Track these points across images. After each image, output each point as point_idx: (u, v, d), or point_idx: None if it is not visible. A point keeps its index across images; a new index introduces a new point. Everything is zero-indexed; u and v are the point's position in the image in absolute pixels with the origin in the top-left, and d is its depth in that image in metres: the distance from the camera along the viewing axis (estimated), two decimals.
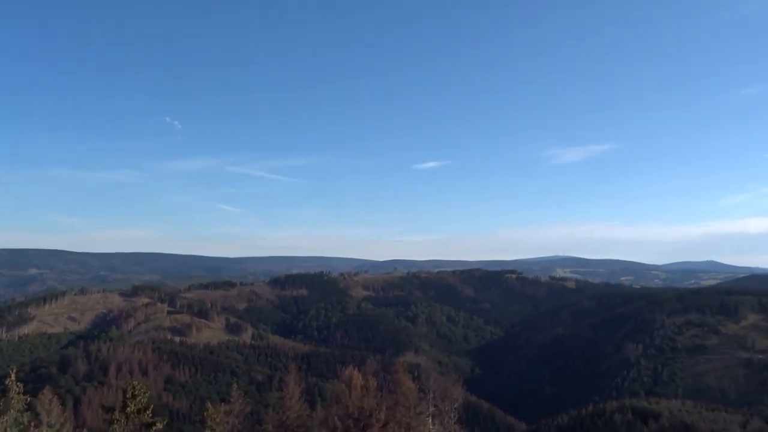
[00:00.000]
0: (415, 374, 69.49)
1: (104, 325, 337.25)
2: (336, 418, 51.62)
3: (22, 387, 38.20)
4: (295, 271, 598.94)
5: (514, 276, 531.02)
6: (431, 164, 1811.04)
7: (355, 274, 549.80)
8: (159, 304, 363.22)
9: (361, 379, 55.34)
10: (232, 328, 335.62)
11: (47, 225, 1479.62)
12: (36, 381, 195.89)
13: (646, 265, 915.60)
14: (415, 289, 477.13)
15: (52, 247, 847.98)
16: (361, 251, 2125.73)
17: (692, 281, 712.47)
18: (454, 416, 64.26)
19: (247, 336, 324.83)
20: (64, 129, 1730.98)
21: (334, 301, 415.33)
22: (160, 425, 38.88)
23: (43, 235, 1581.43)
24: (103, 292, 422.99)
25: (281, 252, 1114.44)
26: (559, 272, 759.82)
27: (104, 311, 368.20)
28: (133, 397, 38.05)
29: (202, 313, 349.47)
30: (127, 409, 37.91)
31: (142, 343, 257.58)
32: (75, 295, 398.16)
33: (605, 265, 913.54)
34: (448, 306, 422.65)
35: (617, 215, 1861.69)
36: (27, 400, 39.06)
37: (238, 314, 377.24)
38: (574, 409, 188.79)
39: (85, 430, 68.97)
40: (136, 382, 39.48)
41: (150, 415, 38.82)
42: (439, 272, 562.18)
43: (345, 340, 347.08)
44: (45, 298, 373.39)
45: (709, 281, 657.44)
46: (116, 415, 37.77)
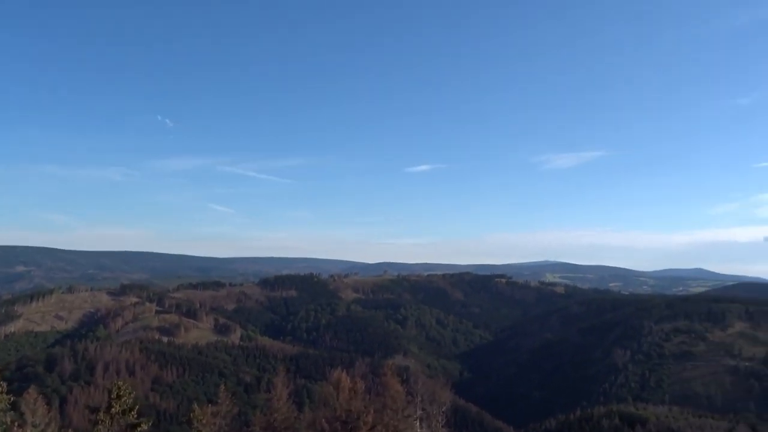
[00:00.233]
0: (404, 377, 69.49)
1: (92, 324, 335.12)
2: (323, 420, 51.48)
3: (6, 386, 37.82)
4: (285, 272, 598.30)
5: (503, 280, 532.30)
6: (423, 167, 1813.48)
7: (345, 276, 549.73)
8: (147, 304, 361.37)
9: (349, 381, 55.13)
10: (221, 329, 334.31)
11: (36, 222, 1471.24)
12: (22, 380, 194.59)
13: (635, 271, 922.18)
14: (405, 291, 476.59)
15: (40, 245, 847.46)
16: (352, 253, 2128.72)
17: (680, 288, 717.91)
18: (442, 420, 64.19)
19: (235, 337, 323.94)
20: (55, 126, 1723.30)
21: (323, 303, 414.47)
22: (145, 426, 38.52)
23: (31, 233, 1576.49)
24: (91, 290, 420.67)
25: (271, 253, 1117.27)
26: (549, 277, 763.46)
27: (92, 310, 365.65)
28: (118, 397, 37.68)
29: (191, 313, 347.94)
30: (112, 410, 37.51)
31: (130, 343, 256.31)
32: (63, 293, 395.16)
33: (594, 270, 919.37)
34: (438, 309, 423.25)
35: (607, 222, 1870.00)
36: (11, 399, 38.65)
37: (226, 315, 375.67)
38: (562, 414, 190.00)
39: (70, 431, 68.39)
40: (121, 383, 39.08)
41: (135, 416, 38.43)
42: (429, 275, 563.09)
43: (334, 342, 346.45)
44: (32, 296, 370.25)
45: (697, 288, 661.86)
46: (101, 415, 37.36)
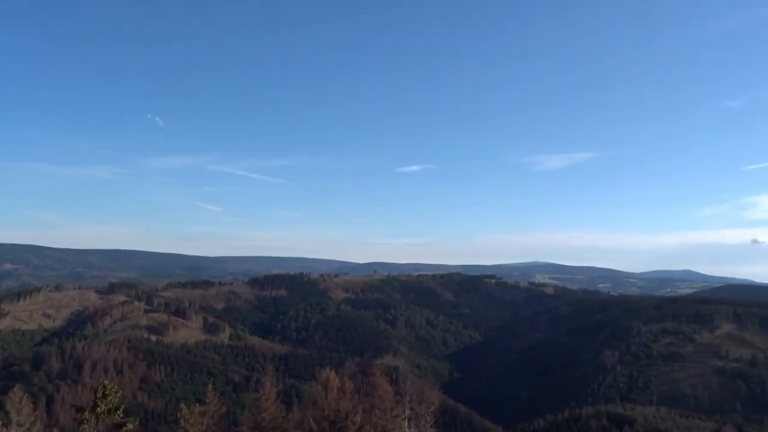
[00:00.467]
0: (393, 377, 69.38)
1: (79, 322, 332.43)
2: (312, 420, 51.37)
3: None
4: (275, 272, 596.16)
5: (493, 281, 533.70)
6: (414, 168, 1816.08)
7: (335, 276, 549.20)
8: (136, 303, 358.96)
9: (338, 381, 55.07)
10: (210, 328, 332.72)
11: (23, 220, 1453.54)
12: (8, 378, 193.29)
13: (624, 272, 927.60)
14: (395, 291, 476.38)
15: (27, 242, 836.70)
16: (342, 253, 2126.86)
17: (669, 290, 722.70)
18: (431, 419, 64.24)
19: (224, 336, 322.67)
20: (44, 124, 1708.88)
21: (313, 303, 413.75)
22: (131, 425, 38.23)
23: (18, 230, 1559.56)
24: (79, 289, 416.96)
25: (261, 252, 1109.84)
26: (539, 278, 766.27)
27: (80, 308, 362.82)
28: (104, 396, 37.37)
29: (180, 312, 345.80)
30: (98, 409, 37.22)
31: (118, 342, 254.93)
32: (50, 291, 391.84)
33: (584, 272, 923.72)
34: (428, 309, 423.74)
35: (597, 223, 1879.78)
36: None
37: (216, 314, 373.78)
38: (551, 414, 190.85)
39: (56, 430, 67.87)
40: (107, 382, 38.77)
41: (121, 415, 38.17)
42: (419, 275, 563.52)
43: (323, 342, 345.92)
44: (19, 294, 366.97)
45: (686, 290, 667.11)
46: (86, 415, 37.06)
